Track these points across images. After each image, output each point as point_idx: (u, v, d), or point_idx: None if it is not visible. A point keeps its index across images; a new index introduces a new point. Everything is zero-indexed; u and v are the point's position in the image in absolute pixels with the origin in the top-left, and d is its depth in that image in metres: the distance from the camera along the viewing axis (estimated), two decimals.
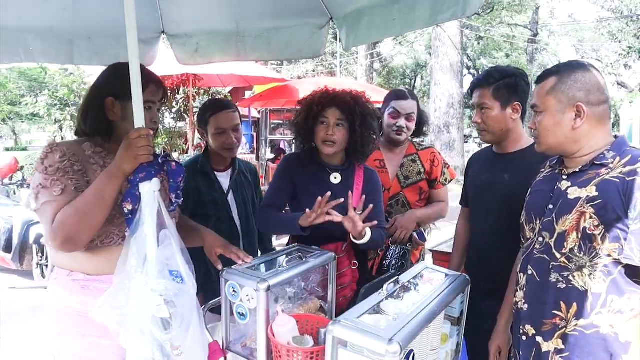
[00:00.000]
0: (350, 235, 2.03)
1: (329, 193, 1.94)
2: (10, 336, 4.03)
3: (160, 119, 1.68)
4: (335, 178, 2.21)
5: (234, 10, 2.54)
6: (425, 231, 2.77)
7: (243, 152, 11.68)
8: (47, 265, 5.34)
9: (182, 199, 1.67)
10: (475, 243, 2.27)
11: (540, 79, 1.61)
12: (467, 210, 2.38)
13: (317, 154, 2.24)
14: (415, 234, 2.67)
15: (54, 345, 1.74)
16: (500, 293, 1.98)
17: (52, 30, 2.43)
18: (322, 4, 2.37)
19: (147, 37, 2.61)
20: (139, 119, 1.51)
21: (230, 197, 2.49)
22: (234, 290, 1.66)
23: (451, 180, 2.85)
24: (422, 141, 2.92)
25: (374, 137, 2.24)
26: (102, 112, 1.67)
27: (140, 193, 1.52)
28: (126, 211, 1.54)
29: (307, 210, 1.93)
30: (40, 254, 5.44)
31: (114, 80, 1.64)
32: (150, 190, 1.51)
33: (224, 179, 2.50)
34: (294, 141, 2.35)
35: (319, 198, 1.92)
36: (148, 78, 1.72)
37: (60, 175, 1.56)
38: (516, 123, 2.10)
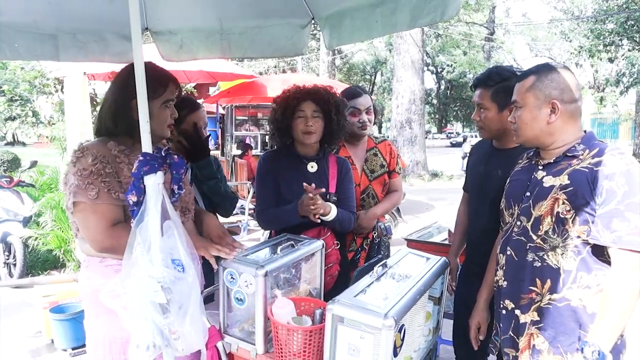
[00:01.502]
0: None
1: (314, 185, 2.14)
2: None
3: None
4: (312, 167, 2.39)
5: (217, 9, 2.58)
6: (393, 225, 2.97)
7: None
8: (14, 264, 5.24)
9: (184, 190, 1.76)
10: (470, 229, 2.43)
11: (521, 78, 1.77)
12: (467, 195, 2.52)
13: (292, 147, 2.41)
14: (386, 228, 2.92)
15: (89, 326, 1.83)
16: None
17: (37, 25, 2.42)
18: (304, 5, 2.45)
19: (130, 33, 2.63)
20: (144, 115, 1.57)
21: (194, 190, 2.53)
22: (232, 277, 1.75)
23: (403, 169, 3.05)
24: (378, 135, 3.09)
25: (345, 124, 2.46)
26: (129, 113, 1.72)
27: (144, 185, 1.59)
28: (131, 203, 1.60)
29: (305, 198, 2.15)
30: (6, 253, 5.32)
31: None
32: (154, 182, 1.58)
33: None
34: (270, 137, 2.48)
35: (309, 187, 2.13)
36: (168, 77, 1.81)
37: (94, 179, 1.65)
38: None
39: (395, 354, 1.47)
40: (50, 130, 7.40)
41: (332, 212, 2.25)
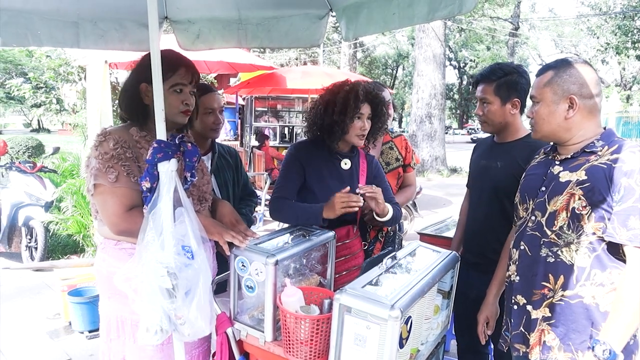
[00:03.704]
0: (375, 213, 2.19)
1: (348, 187, 2.09)
2: (2, 316, 4.07)
3: None
4: (345, 164, 2.34)
5: None
6: (409, 220, 2.95)
7: (227, 139, 11.69)
8: (35, 248, 5.37)
9: (196, 178, 1.78)
10: (469, 221, 2.46)
11: (540, 73, 1.76)
12: (469, 191, 2.56)
13: (329, 141, 2.29)
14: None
15: (102, 308, 1.88)
16: (484, 267, 2.18)
17: (59, 13, 2.46)
18: None
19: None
20: (159, 102, 1.60)
21: (212, 180, 2.54)
22: (242, 265, 1.77)
23: (416, 164, 3.06)
24: (392, 128, 3.10)
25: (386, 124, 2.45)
26: (138, 97, 1.77)
27: (158, 172, 1.62)
28: (144, 189, 1.63)
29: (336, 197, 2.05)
30: (28, 237, 5.45)
31: (147, 67, 1.66)
32: (168, 170, 1.61)
33: (205, 162, 2.50)
34: (309, 131, 2.35)
35: (344, 191, 2.07)
36: (178, 61, 1.81)
37: (114, 162, 1.69)
38: (515, 117, 2.25)
39: (402, 346, 1.47)
40: (74, 117, 7.53)
41: (390, 212, 2.20)
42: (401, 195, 2.94)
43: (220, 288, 2.04)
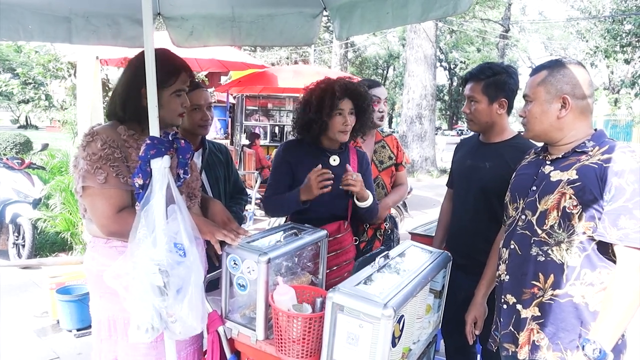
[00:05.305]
0: (355, 198, 2.28)
1: (320, 166, 2.16)
2: None
3: None
4: (334, 160, 2.36)
5: None
6: (399, 220, 2.98)
7: (218, 137, 11.63)
8: (23, 245, 5.30)
9: (189, 175, 1.77)
10: (454, 222, 2.47)
11: (534, 72, 1.77)
12: (452, 192, 2.57)
13: (317, 139, 2.35)
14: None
15: (93, 307, 1.86)
16: (471, 268, 2.19)
17: (50, 7, 2.43)
18: None
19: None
20: (152, 98, 1.59)
21: (203, 177, 2.55)
22: (234, 263, 1.77)
23: (406, 164, 3.09)
24: (382, 128, 3.11)
25: (372, 117, 2.49)
26: (140, 101, 1.74)
27: (151, 169, 1.61)
28: (137, 186, 1.61)
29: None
30: (16, 234, 5.39)
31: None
32: (161, 166, 1.60)
33: (196, 159, 2.52)
34: (296, 128, 2.39)
35: (316, 169, 2.14)
36: (180, 66, 1.81)
37: (103, 163, 1.67)
38: (501, 117, 2.27)
39: (394, 344, 1.48)
40: (63, 114, 7.46)
41: (369, 198, 2.29)
42: (394, 194, 2.95)
43: (211, 286, 2.03)
